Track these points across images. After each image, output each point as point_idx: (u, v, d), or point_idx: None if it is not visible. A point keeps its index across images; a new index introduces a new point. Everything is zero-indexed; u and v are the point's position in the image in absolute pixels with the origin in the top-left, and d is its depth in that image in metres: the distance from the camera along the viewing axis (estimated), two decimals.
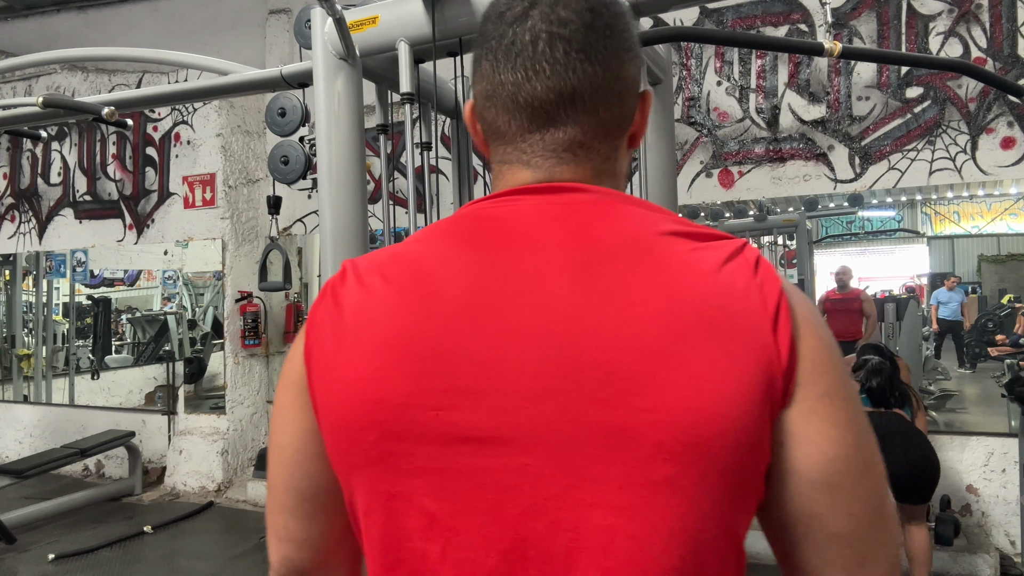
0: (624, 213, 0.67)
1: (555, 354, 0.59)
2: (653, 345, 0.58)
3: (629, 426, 0.57)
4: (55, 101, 3.33)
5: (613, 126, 0.71)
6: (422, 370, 0.61)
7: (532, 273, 0.63)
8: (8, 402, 6.89)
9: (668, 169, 2.57)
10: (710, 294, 0.60)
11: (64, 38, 6.29)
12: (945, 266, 7.26)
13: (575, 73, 0.67)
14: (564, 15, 0.67)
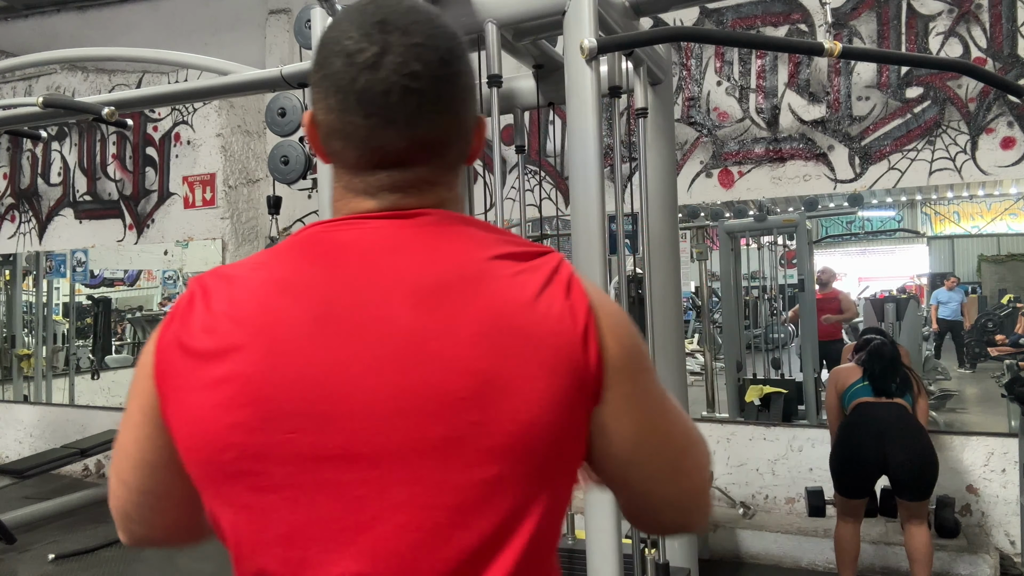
0: (462, 236, 0.73)
1: (399, 379, 0.66)
2: (483, 368, 0.66)
3: (464, 437, 0.66)
4: (55, 101, 3.33)
5: (458, 161, 0.78)
6: (275, 395, 0.66)
7: (377, 302, 0.68)
8: (8, 402, 6.89)
9: (668, 169, 2.57)
10: (530, 321, 0.68)
11: (64, 38, 6.29)
12: (945, 266, 7.25)
13: (428, 124, 0.72)
14: (416, 68, 0.70)
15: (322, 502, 0.66)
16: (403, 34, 0.70)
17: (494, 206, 2.21)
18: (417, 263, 0.70)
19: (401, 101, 0.70)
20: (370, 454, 0.66)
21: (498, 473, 0.66)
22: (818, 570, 3.85)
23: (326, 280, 0.70)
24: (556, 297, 0.70)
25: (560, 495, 0.73)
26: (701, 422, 4.59)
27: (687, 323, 6.83)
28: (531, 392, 0.67)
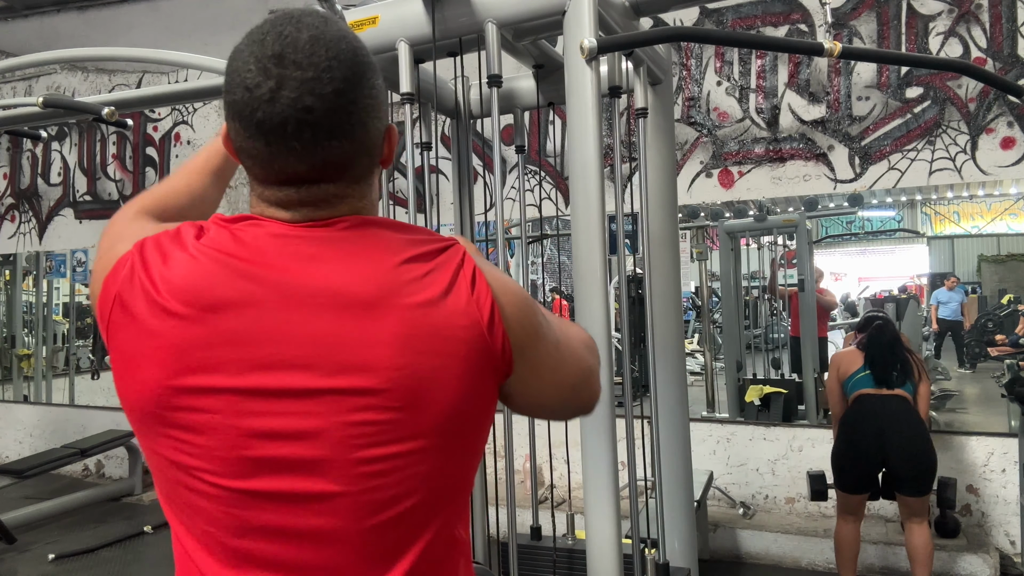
0: (373, 243, 0.80)
1: (328, 384, 0.76)
2: (403, 366, 0.76)
3: (391, 424, 0.76)
4: (55, 101, 3.33)
5: (365, 173, 0.84)
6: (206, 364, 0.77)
7: (303, 312, 0.76)
8: (8, 402, 6.89)
9: (668, 169, 2.57)
10: (442, 319, 0.77)
11: (64, 38, 6.28)
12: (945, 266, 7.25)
13: (324, 150, 0.78)
14: (309, 102, 0.75)
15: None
16: (297, 68, 0.75)
17: (494, 206, 2.21)
18: (335, 274, 0.77)
19: (297, 132, 0.76)
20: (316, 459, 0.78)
21: (423, 446, 0.78)
22: (818, 570, 3.85)
23: (252, 283, 0.77)
24: (463, 293, 0.79)
25: (471, 449, 0.85)
26: (701, 422, 4.60)
27: (687, 323, 6.83)
28: (449, 382, 0.78)
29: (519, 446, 4.37)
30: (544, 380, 0.89)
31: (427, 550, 0.82)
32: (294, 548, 0.79)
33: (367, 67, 0.80)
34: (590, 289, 1.84)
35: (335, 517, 0.78)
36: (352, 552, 0.79)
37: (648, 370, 2.31)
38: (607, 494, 1.81)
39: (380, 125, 0.84)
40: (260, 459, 0.77)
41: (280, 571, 0.79)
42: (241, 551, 0.80)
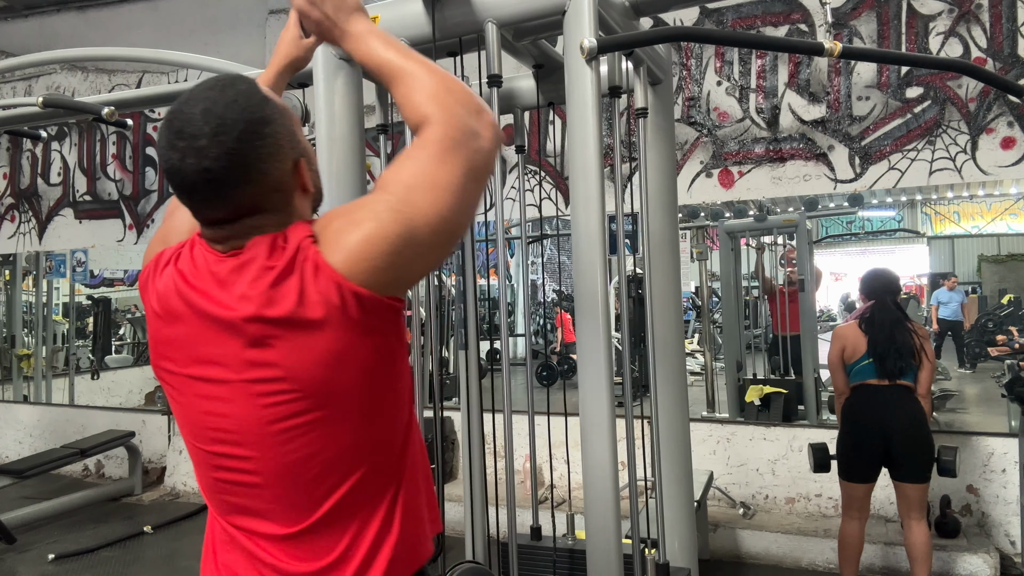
0: (250, 269, 0.98)
1: (235, 376, 1.00)
2: (291, 362, 0.96)
3: (295, 399, 0.97)
4: (55, 101, 3.33)
5: (280, 206, 1.02)
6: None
7: (214, 329, 0.99)
8: (8, 402, 6.89)
9: (668, 169, 2.57)
10: (304, 319, 0.94)
11: (64, 38, 6.28)
12: (945, 266, 7.26)
13: (232, 198, 0.98)
14: (207, 165, 0.96)
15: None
16: (192, 139, 0.95)
17: (494, 206, 2.21)
18: (232, 298, 0.97)
19: (205, 189, 0.97)
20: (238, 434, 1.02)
21: (318, 416, 0.98)
22: (818, 570, 3.85)
23: (183, 307, 1.02)
24: (310, 288, 0.94)
25: (368, 411, 1.01)
26: (701, 422, 4.59)
27: (687, 323, 6.83)
28: (328, 363, 0.95)
29: (519, 446, 4.37)
30: (438, 225, 0.97)
31: (345, 499, 1.00)
32: (244, 497, 1.03)
33: (258, 122, 0.98)
34: (590, 289, 1.84)
35: (259, 476, 1.01)
36: (281, 499, 1.01)
37: (648, 370, 2.31)
38: (607, 494, 1.81)
39: (282, 165, 1.01)
40: (207, 428, 1.03)
41: (246, 514, 1.04)
42: (220, 499, 1.07)
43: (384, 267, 0.95)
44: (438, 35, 1.95)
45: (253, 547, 1.04)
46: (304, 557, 1.02)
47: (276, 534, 1.03)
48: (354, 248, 0.95)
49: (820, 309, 6.96)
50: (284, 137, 1.02)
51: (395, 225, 0.96)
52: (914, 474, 3.07)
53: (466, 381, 2.51)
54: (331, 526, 1.01)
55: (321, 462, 0.99)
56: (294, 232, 0.99)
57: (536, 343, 7.13)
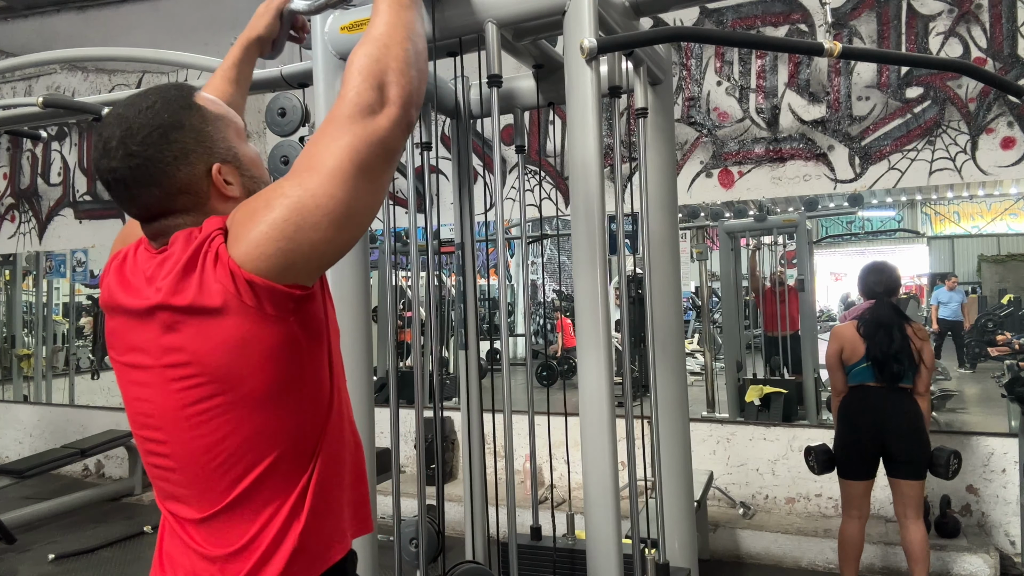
0: (167, 261, 1.03)
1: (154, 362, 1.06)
2: (199, 349, 1.01)
3: (204, 384, 1.02)
4: (55, 101, 3.33)
5: (194, 206, 1.07)
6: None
7: (140, 321, 1.05)
8: (8, 402, 6.88)
9: (668, 169, 2.57)
10: (205, 307, 0.98)
11: (64, 38, 6.28)
12: (945, 266, 7.25)
13: (139, 197, 1.06)
14: (113, 165, 1.04)
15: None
16: (106, 141, 1.04)
17: (494, 206, 2.21)
18: (152, 291, 1.02)
19: (116, 188, 1.06)
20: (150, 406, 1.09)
21: (224, 401, 1.01)
22: (818, 570, 3.85)
23: (119, 300, 1.09)
24: (208, 277, 0.97)
25: (268, 398, 1.03)
26: (701, 422, 4.59)
27: (687, 323, 6.82)
28: (228, 351, 0.98)
29: (519, 446, 4.37)
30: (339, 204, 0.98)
31: (253, 486, 1.03)
32: (167, 482, 1.09)
33: (167, 127, 1.04)
34: (590, 289, 1.84)
35: (173, 460, 1.06)
36: (194, 484, 1.05)
37: (648, 370, 2.31)
38: (607, 494, 1.81)
39: (191, 169, 1.05)
40: (137, 414, 1.10)
41: (172, 499, 1.10)
42: (155, 485, 1.13)
43: (273, 253, 0.95)
44: (438, 35, 1.95)
45: (180, 531, 1.09)
46: (216, 542, 1.05)
47: (193, 518, 1.07)
48: (250, 235, 0.97)
49: (820, 309, 6.96)
50: (195, 142, 1.06)
51: (284, 210, 0.95)
52: (909, 470, 3.07)
53: (466, 381, 2.51)
54: (240, 512, 1.04)
55: (229, 447, 1.02)
56: (207, 225, 1.02)
57: (536, 343, 7.13)
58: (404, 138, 1.05)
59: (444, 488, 2.33)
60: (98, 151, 1.06)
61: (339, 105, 1.02)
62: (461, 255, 2.50)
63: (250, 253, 0.96)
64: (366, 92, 1.01)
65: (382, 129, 1.00)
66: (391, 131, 1.01)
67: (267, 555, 1.04)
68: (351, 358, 2.02)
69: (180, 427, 1.04)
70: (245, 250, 0.96)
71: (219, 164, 1.07)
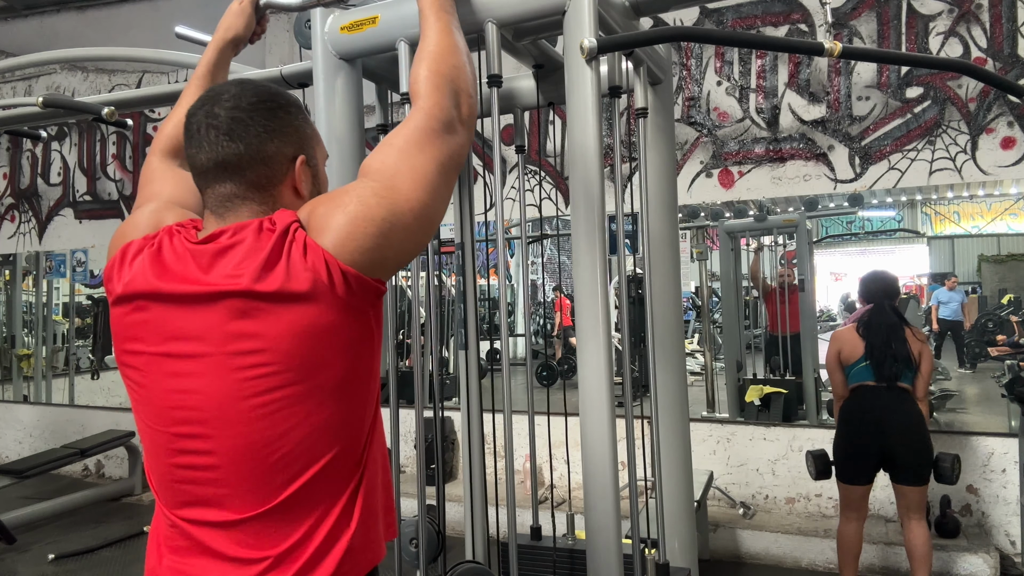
0: (236, 252, 1.01)
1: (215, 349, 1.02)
2: (277, 334, 0.99)
3: (276, 373, 1.00)
4: (55, 101, 3.33)
5: (264, 183, 1.07)
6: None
7: (200, 307, 1.02)
8: (8, 402, 6.89)
9: (668, 169, 2.56)
10: (289, 294, 0.98)
11: (64, 38, 6.28)
12: (945, 266, 7.26)
13: (222, 149, 1.05)
14: (216, 111, 1.06)
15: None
16: (220, 91, 1.08)
17: (494, 206, 2.21)
18: (217, 275, 1.00)
19: (206, 133, 1.06)
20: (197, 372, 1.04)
21: (294, 392, 0.99)
22: (818, 570, 3.85)
23: (164, 266, 1.05)
24: (299, 266, 0.97)
25: (338, 391, 1.03)
26: (701, 422, 4.59)
27: (687, 323, 6.82)
28: (307, 338, 0.98)
29: (519, 446, 4.37)
30: (420, 208, 1.04)
31: (308, 485, 1.00)
32: (199, 484, 1.03)
33: (277, 104, 1.08)
34: (590, 289, 1.84)
35: (218, 457, 1.01)
36: (239, 484, 1.00)
37: (648, 370, 2.31)
38: (607, 494, 1.81)
39: (283, 149, 1.08)
40: (172, 408, 1.03)
41: (198, 504, 1.03)
42: (175, 489, 1.05)
43: (371, 247, 1.00)
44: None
45: (204, 539, 1.03)
46: (254, 544, 1.00)
47: (227, 520, 1.01)
48: (342, 229, 0.99)
49: (820, 309, 6.96)
50: (294, 130, 1.10)
51: (381, 209, 1.01)
52: (913, 477, 3.07)
53: (466, 381, 2.51)
54: (289, 514, 1.01)
55: (291, 442, 0.99)
56: (280, 217, 1.02)
57: (536, 343, 7.13)
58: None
59: (444, 488, 2.33)
60: (207, 96, 1.07)
61: (423, 117, 1.11)
62: (461, 255, 2.50)
63: (347, 246, 0.99)
64: (449, 109, 1.13)
65: (460, 146, 1.12)
66: (466, 147, 1.14)
67: (316, 558, 1.01)
68: None
69: (237, 420, 0.99)
70: (340, 242, 0.99)
71: (304, 158, 1.12)
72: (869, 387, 3.14)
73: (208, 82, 1.47)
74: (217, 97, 1.07)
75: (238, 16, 1.54)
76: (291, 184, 1.10)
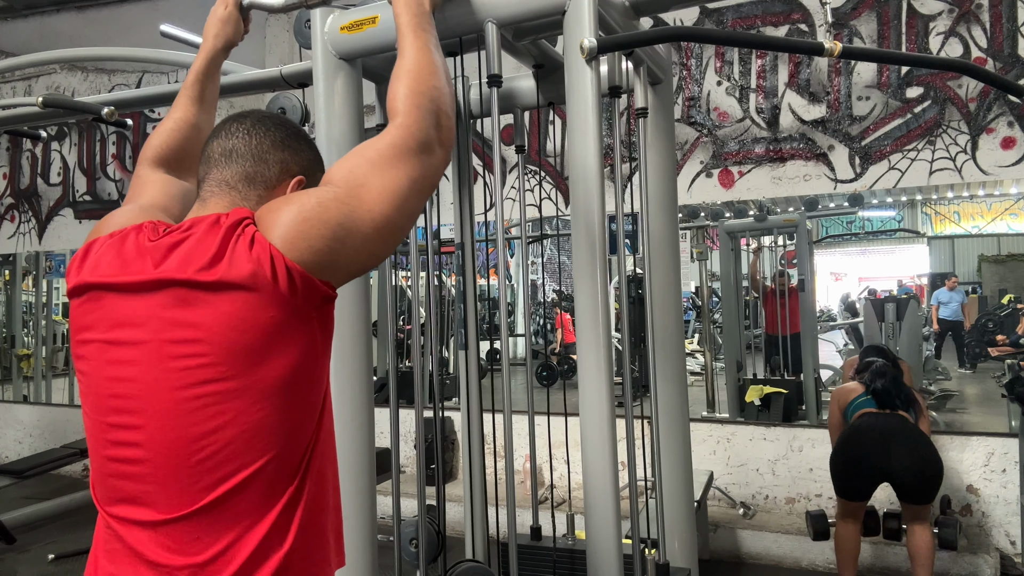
0: (191, 244, 1.01)
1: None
2: (212, 324, 0.98)
3: (212, 364, 0.98)
4: (55, 101, 3.33)
5: (256, 178, 1.12)
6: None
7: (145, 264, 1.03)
8: (8, 402, 6.88)
9: (668, 169, 2.56)
10: (229, 285, 0.97)
11: (64, 38, 6.28)
12: (945, 266, 7.25)
13: (237, 140, 1.13)
14: (246, 116, 1.16)
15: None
16: (245, 113, 1.18)
17: (494, 206, 2.21)
18: (167, 266, 1.01)
19: (228, 128, 1.16)
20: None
21: (231, 387, 0.97)
22: (818, 570, 3.85)
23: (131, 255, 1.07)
24: (243, 257, 0.96)
25: (273, 391, 0.99)
26: (701, 422, 4.59)
27: (687, 323, 6.82)
28: (246, 331, 0.97)
29: (519, 446, 4.37)
30: (378, 223, 1.03)
31: (236, 491, 0.96)
32: (128, 480, 1.00)
33: (300, 132, 1.18)
34: (590, 289, 1.84)
35: (146, 449, 0.98)
36: (164, 480, 0.97)
37: (648, 370, 2.31)
38: (607, 494, 1.81)
39: (288, 163, 1.14)
40: (109, 396, 1.02)
41: (126, 502, 1.00)
42: (107, 484, 1.03)
43: (322, 249, 0.99)
44: (438, 35, 1.95)
45: (128, 537, 0.99)
46: (175, 549, 0.96)
47: (152, 520, 0.97)
48: (293, 227, 0.98)
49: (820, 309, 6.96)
50: (306, 153, 1.17)
51: (336, 213, 1.01)
52: (923, 497, 3.08)
53: (466, 381, 2.51)
54: (214, 520, 0.96)
55: (221, 440, 0.95)
56: (235, 212, 1.03)
57: (536, 343, 7.13)
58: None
59: (444, 488, 2.33)
60: (243, 111, 1.17)
61: (402, 135, 1.10)
62: (461, 255, 2.50)
63: (296, 243, 0.98)
64: (428, 129, 1.12)
65: (436, 168, 1.12)
66: (441, 169, 1.14)
67: (243, 573, 0.95)
68: (351, 357, 2.02)
69: (168, 411, 0.96)
70: (289, 239, 0.98)
71: (303, 180, 1.15)
72: (871, 412, 3.15)
73: (199, 90, 1.47)
74: (255, 110, 1.18)
75: (226, 23, 1.52)
76: (279, 195, 1.11)
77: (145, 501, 0.99)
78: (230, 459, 0.96)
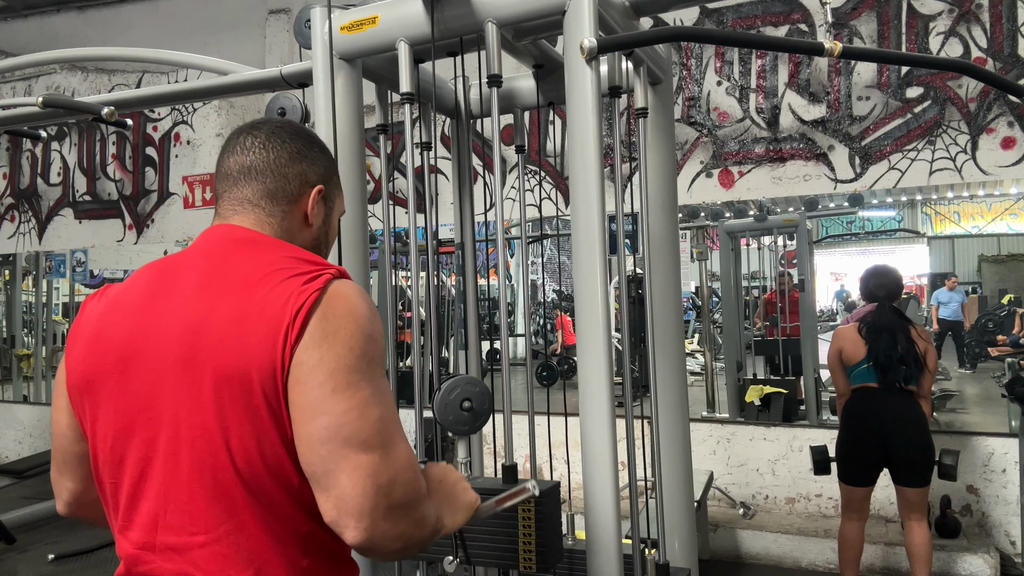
0: (249, 254, 1.08)
1: (176, 345, 1.02)
2: (229, 329, 1.00)
3: (219, 369, 0.99)
4: (55, 101, 3.33)
5: (279, 193, 1.15)
6: (107, 352, 1.07)
7: (177, 293, 1.06)
8: (8, 402, 6.88)
9: (668, 169, 2.56)
10: (263, 304, 0.99)
11: (64, 38, 6.29)
12: (945, 266, 7.26)
13: (254, 155, 1.15)
14: (260, 126, 1.18)
15: (123, 407, 1.05)
16: (264, 121, 1.21)
17: (494, 206, 2.21)
18: (209, 271, 1.07)
19: (242, 138, 1.17)
20: (156, 382, 1.03)
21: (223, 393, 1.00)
22: (818, 570, 3.85)
23: (152, 282, 1.10)
24: (292, 293, 0.99)
25: (275, 430, 1.00)
26: (701, 422, 4.59)
27: (687, 323, 6.82)
28: (251, 345, 0.98)
29: (519, 446, 4.37)
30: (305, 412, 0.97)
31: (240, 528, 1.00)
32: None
33: (314, 140, 1.21)
34: (590, 289, 1.84)
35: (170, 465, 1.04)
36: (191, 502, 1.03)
37: (648, 370, 2.31)
38: (607, 494, 1.81)
39: (307, 174, 1.17)
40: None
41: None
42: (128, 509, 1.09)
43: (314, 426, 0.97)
44: (438, 35, 1.95)
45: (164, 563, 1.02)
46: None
47: (184, 544, 1.01)
48: (313, 394, 0.96)
49: (820, 309, 6.97)
50: (322, 162, 1.21)
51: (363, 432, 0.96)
52: (914, 478, 3.07)
53: None
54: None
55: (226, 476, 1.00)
56: (305, 289, 1.02)
57: (536, 343, 7.13)
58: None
59: None
60: (256, 120, 1.20)
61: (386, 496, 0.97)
62: (461, 255, 2.50)
63: (304, 378, 0.97)
64: (403, 522, 0.98)
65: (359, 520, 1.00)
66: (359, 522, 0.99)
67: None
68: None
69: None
70: (303, 381, 0.96)
71: (323, 189, 1.20)
72: (871, 389, 3.14)
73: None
74: (265, 120, 1.20)
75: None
76: (303, 208, 1.17)
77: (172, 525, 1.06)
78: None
